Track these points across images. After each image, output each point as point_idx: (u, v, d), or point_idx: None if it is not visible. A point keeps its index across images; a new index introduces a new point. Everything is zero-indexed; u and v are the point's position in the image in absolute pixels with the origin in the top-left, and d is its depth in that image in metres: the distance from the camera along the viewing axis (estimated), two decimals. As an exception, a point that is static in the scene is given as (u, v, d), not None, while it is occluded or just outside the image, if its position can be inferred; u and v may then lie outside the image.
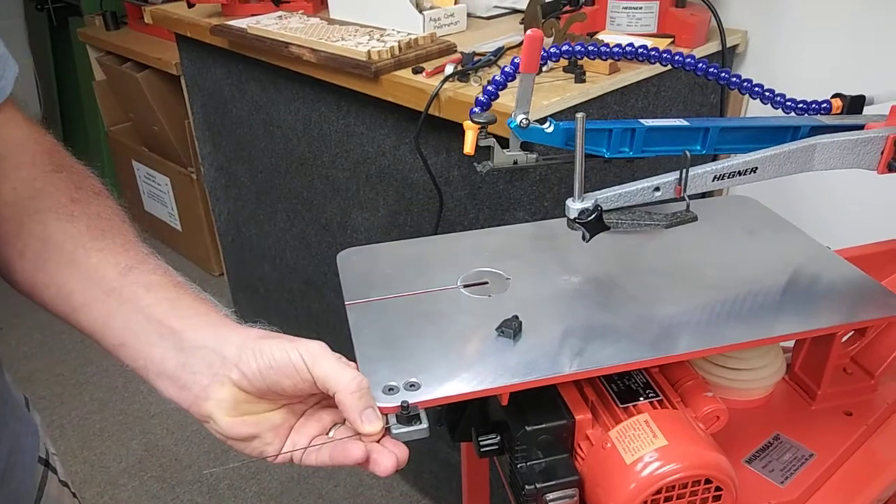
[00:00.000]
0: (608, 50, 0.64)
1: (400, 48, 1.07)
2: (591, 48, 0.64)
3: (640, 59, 0.65)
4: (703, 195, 0.64)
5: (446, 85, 0.98)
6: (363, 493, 1.61)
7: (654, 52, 0.64)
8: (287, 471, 1.67)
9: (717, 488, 0.54)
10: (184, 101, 1.97)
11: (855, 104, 0.65)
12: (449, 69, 1.00)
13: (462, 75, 0.99)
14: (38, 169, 0.53)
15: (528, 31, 0.55)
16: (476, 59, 1.03)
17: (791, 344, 0.72)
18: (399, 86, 1.04)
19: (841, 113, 0.65)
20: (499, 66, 1.03)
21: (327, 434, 0.49)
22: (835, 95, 0.65)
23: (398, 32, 1.13)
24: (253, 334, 0.48)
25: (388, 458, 0.46)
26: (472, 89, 0.97)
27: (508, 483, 0.60)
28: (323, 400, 0.50)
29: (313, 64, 1.14)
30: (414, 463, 0.49)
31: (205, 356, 0.46)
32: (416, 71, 1.04)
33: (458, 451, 1.25)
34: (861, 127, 0.62)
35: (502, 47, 1.06)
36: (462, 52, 1.05)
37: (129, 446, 1.78)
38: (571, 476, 0.55)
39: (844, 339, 0.68)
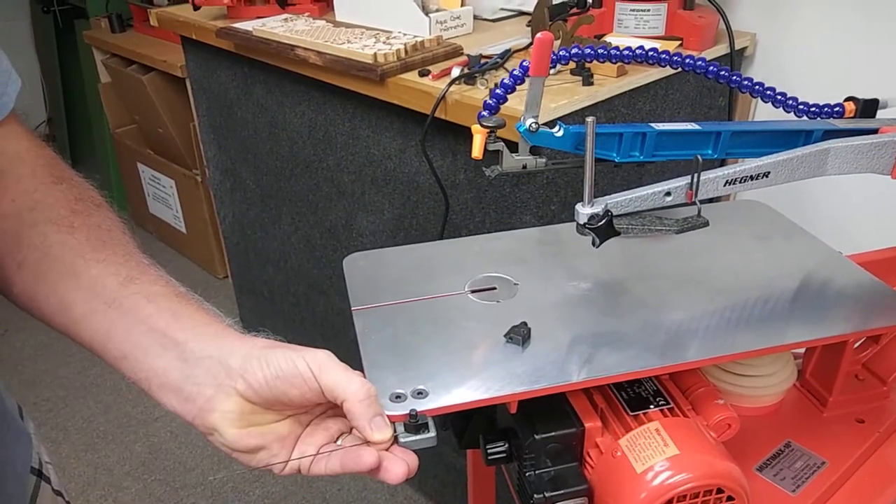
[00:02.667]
0: (617, 53, 0.64)
1: (406, 51, 1.07)
2: (600, 51, 0.63)
3: (650, 62, 0.64)
4: (711, 200, 0.63)
5: (453, 88, 0.97)
6: (367, 497, 1.61)
7: (664, 55, 0.63)
8: (291, 475, 1.66)
9: (729, 497, 0.53)
10: (189, 103, 1.97)
11: (868, 108, 0.64)
12: (455, 72, 0.99)
13: (469, 78, 0.99)
14: (38, 181, 0.52)
15: (538, 35, 0.54)
16: (483, 61, 1.02)
17: (802, 350, 0.72)
18: (405, 88, 1.03)
19: (854, 116, 0.64)
20: (506, 69, 1.02)
21: (335, 443, 0.48)
22: (848, 99, 0.65)
23: (404, 35, 1.13)
24: (258, 344, 0.47)
25: (398, 465, 0.46)
26: (479, 92, 0.97)
27: (516, 491, 0.59)
28: (328, 410, 0.50)
29: (319, 66, 1.13)
30: (419, 467, 0.48)
31: (209, 367, 0.46)
32: (423, 74, 1.03)
33: (464, 457, 1.24)
34: (875, 131, 0.61)
35: (509, 50, 1.06)
36: (468, 55, 1.04)
37: (132, 449, 1.77)
38: (581, 485, 0.55)
39: (856, 345, 0.67)
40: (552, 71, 1.01)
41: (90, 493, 1.66)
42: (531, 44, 1.09)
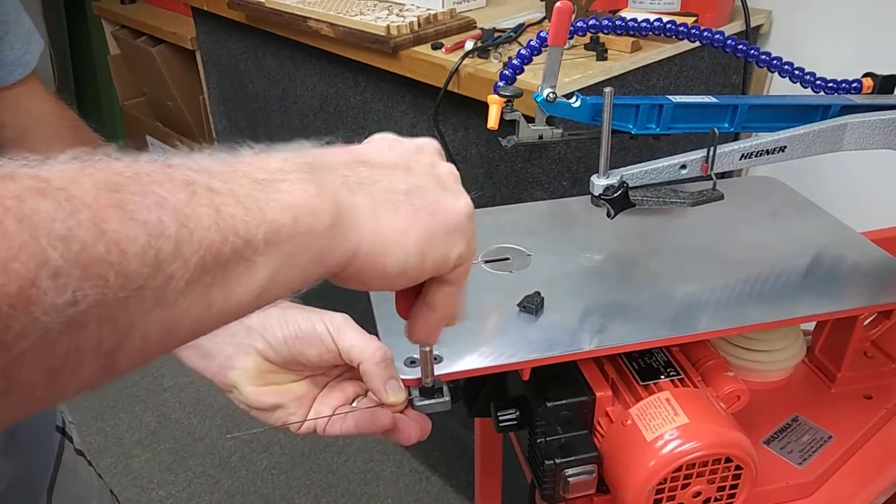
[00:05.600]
0: (635, 25, 0.63)
1: (419, 23, 1.06)
2: (618, 23, 0.63)
3: (668, 34, 0.64)
4: (724, 175, 0.63)
5: (466, 61, 0.97)
6: (373, 469, 1.63)
7: (682, 28, 0.63)
8: (298, 445, 1.68)
9: (738, 467, 0.53)
10: (199, 76, 1.96)
11: (887, 84, 0.64)
12: (469, 45, 0.99)
13: (482, 51, 0.98)
14: (64, 143, 0.53)
15: (558, 3, 0.54)
16: (496, 35, 1.01)
17: (811, 327, 0.72)
18: (418, 61, 1.03)
19: (872, 92, 0.64)
20: (519, 43, 1.02)
21: (350, 405, 0.49)
22: (866, 74, 0.64)
23: (417, 7, 1.12)
24: (277, 304, 0.48)
25: (412, 427, 0.47)
26: (492, 66, 0.96)
27: (527, 458, 0.60)
28: (345, 372, 0.50)
29: (331, 38, 1.13)
30: (425, 440, 0.50)
31: (229, 326, 0.46)
32: (436, 47, 1.03)
33: (470, 430, 1.26)
34: (893, 107, 0.61)
35: (523, 24, 1.05)
36: (482, 28, 1.04)
37: (142, 418, 1.80)
38: (591, 452, 0.55)
39: (867, 322, 0.68)
40: (566, 46, 1.00)
41: (100, 460, 1.69)
42: (545, 18, 1.09)
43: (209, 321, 0.25)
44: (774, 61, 0.64)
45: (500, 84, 0.60)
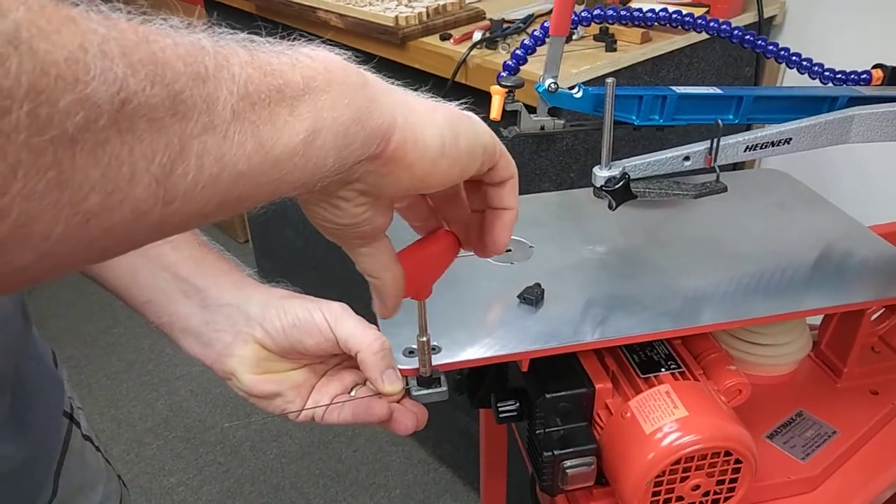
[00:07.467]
0: (641, 15, 0.63)
1: (428, 14, 1.06)
2: (623, 13, 0.62)
3: (676, 24, 0.63)
4: (734, 168, 0.63)
5: (474, 52, 0.97)
6: (382, 460, 1.63)
7: (688, 18, 0.63)
8: (308, 435, 1.70)
9: (737, 461, 0.53)
10: (211, 66, 1.97)
11: (896, 75, 0.63)
12: (477, 36, 0.98)
13: (490, 42, 0.98)
14: None
15: (560, -7, 0.54)
16: (505, 26, 1.01)
17: (818, 321, 0.71)
18: (426, 52, 1.03)
19: (882, 84, 0.63)
20: (528, 34, 1.01)
21: (349, 394, 0.49)
22: (876, 66, 0.63)
23: (426, -2, 1.12)
24: (276, 294, 0.48)
25: (408, 417, 0.47)
26: (501, 56, 0.96)
27: (527, 449, 0.60)
28: (344, 361, 0.51)
29: (340, 29, 1.13)
30: (433, 431, 0.50)
31: (229, 314, 0.47)
32: (444, 37, 1.03)
33: (477, 421, 1.26)
34: (902, 98, 0.60)
35: (532, 14, 1.04)
36: (491, 19, 1.03)
37: (154, 406, 1.82)
38: (590, 444, 0.55)
39: (874, 317, 0.67)
40: (575, 37, 1.00)
41: (113, 447, 1.71)
42: (555, 8, 1.08)
43: (261, 165, 0.25)
44: (782, 52, 0.64)
45: (503, 74, 0.60)
